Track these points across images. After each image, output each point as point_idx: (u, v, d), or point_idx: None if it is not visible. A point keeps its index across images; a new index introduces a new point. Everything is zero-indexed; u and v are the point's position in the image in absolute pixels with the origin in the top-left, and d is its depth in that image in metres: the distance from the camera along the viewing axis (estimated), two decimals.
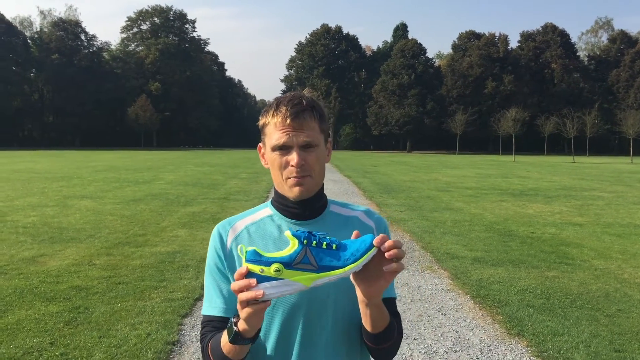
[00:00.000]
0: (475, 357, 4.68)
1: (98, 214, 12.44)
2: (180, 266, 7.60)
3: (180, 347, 4.80)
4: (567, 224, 12.24)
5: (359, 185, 21.86)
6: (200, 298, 6.16)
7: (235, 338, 1.32)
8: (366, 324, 1.45)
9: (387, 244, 1.28)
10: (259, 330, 1.36)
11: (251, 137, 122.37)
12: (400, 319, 1.63)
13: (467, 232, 10.96)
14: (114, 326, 5.17)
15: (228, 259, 1.55)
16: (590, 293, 6.67)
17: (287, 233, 1.27)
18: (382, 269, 1.29)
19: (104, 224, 11.16)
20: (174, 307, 5.75)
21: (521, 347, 4.93)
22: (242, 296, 1.22)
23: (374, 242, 1.28)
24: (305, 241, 1.25)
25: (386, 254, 1.27)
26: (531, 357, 4.69)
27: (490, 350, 4.86)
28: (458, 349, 4.85)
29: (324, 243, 1.27)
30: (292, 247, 1.26)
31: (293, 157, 1.47)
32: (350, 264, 1.27)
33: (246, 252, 1.24)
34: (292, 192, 1.51)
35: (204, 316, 1.58)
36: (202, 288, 6.53)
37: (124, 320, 5.33)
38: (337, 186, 21.21)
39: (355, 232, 1.35)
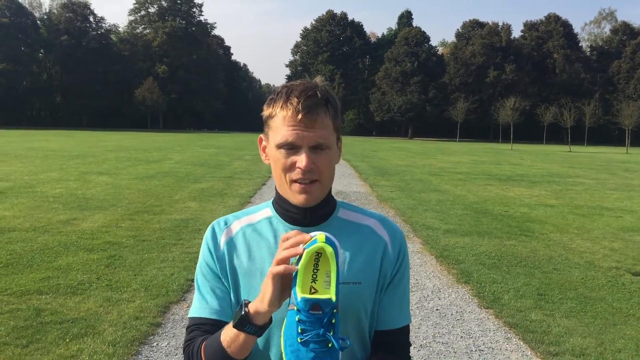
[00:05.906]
0: (426, 296, 6.03)
1: (116, 188, 13.80)
2: (194, 229, 8.94)
3: None
4: (540, 205, 13.52)
5: (356, 169, 23.11)
6: None
7: (243, 321, 1.19)
8: None
9: None
10: (269, 322, 1.23)
11: (255, 121, 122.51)
12: (409, 351, 1.49)
13: (447, 210, 12.25)
14: (145, 269, 6.53)
15: (220, 262, 1.42)
16: (536, 257, 7.98)
17: None
18: None
19: (123, 196, 12.52)
20: (191, 257, 7.10)
21: (465, 290, 6.27)
22: (285, 253, 1.17)
23: None
24: None
25: None
26: (470, 297, 6.04)
27: (440, 291, 6.21)
28: (414, 290, 6.19)
29: None
30: None
31: (301, 159, 1.29)
32: None
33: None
34: (296, 198, 1.35)
35: (192, 319, 1.40)
36: None
37: (152, 265, 6.70)
38: None
39: None
